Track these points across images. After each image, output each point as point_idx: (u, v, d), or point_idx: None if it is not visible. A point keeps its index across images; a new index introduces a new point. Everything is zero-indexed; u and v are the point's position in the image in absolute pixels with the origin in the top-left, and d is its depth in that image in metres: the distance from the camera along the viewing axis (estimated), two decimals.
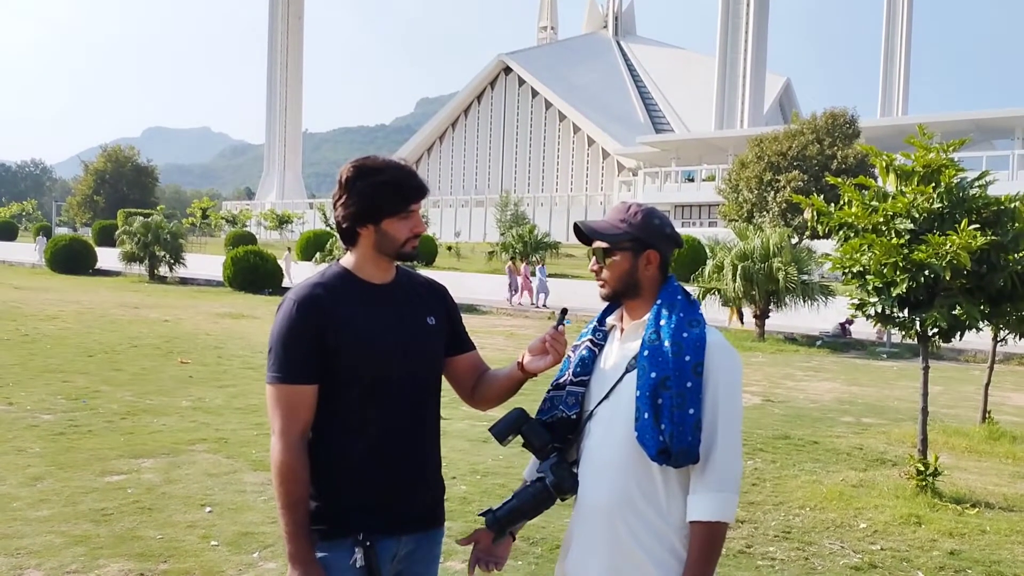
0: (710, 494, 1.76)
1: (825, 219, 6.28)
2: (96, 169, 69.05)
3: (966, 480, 6.45)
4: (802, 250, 17.44)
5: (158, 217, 31.31)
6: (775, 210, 34.64)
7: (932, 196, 5.83)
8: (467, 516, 4.86)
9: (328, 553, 1.93)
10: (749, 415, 8.78)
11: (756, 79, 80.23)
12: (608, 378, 1.91)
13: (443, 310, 2.15)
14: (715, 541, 1.78)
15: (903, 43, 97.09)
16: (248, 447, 6.42)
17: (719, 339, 1.84)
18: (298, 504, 1.90)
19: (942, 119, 49.04)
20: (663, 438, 1.74)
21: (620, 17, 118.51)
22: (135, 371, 9.84)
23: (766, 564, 4.46)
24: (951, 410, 9.74)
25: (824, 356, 15.69)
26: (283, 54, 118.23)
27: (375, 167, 1.99)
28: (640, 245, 1.91)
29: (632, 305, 1.95)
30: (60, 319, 15.08)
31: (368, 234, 2.00)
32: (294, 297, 1.97)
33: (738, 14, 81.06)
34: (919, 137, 6.02)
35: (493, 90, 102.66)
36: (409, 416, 2.01)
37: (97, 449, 6.19)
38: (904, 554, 4.72)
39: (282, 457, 1.90)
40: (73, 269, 30.82)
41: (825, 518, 5.32)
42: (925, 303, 5.87)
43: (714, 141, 65.00)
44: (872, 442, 7.78)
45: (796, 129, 37.13)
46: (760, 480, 6.16)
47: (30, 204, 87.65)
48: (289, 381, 1.92)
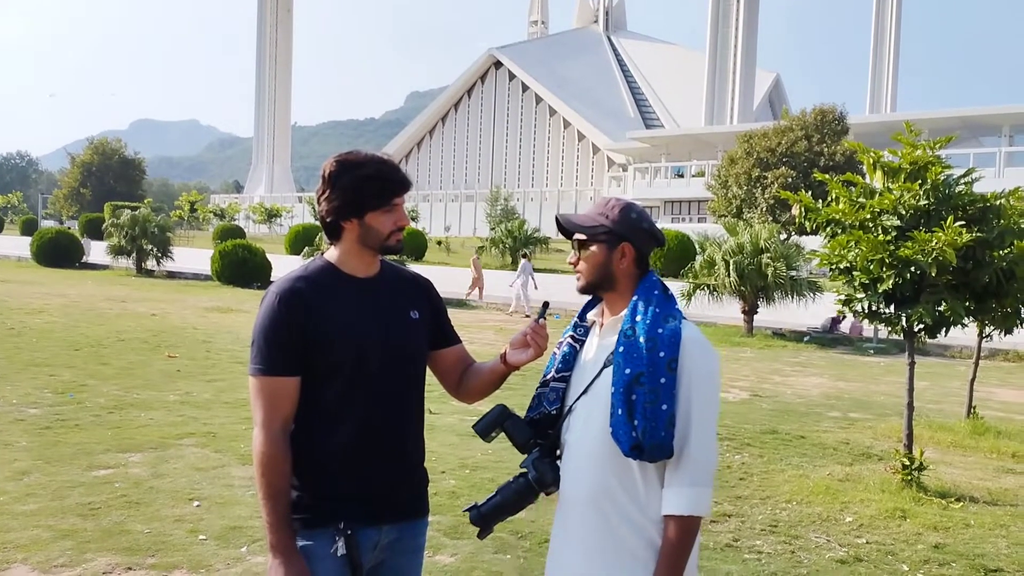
0: (684, 488, 1.78)
1: (813, 215, 6.31)
2: (83, 161, 68.57)
3: (951, 475, 6.51)
4: (790, 246, 17.50)
5: (145, 210, 31.04)
6: (763, 206, 34.79)
7: (919, 193, 5.87)
8: (455, 510, 4.87)
9: (310, 542, 1.95)
10: (737, 410, 8.83)
11: (746, 75, 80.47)
12: (587, 373, 1.93)
13: (427, 304, 2.17)
14: (688, 534, 1.79)
15: (892, 40, 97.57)
16: (236, 441, 6.40)
17: (695, 334, 1.85)
18: (279, 495, 1.92)
19: (930, 116, 49.39)
20: (636, 434, 1.76)
21: (611, 12, 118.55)
22: (122, 365, 9.79)
23: (752, 557, 4.49)
24: (937, 405, 9.82)
25: (812, 351, 15.78)
26: (272, 47, 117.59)
27: (358, 161, 2.01)
28: (615, 238, 1.92)
29: (610, 299, 1.97)
30: (46, 312, 14.97)
31: (352, 228, 2.02)
32: (276, 290, 1.99)
33: (728, 10, 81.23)
34: (906, 134, 6.05)
35: (483, 84, 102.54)
36: (390, 408, 2.04)
37: (84, 443, 6.16)
38: (889, 547, 4.76)
39: (264, 448, 1.93)
40: (59, 262, 30.60)
41: (811, 512, 5.36)
42: (911, 299, 5.91)
43: (704, 137, 65.18)
44: (858, 437, 7.84)
45: (785, 125, 37.32)
46: (747, 474, 6.20)
47: (15, 196, 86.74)
48: (271, 373, 1.94)
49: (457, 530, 4.60)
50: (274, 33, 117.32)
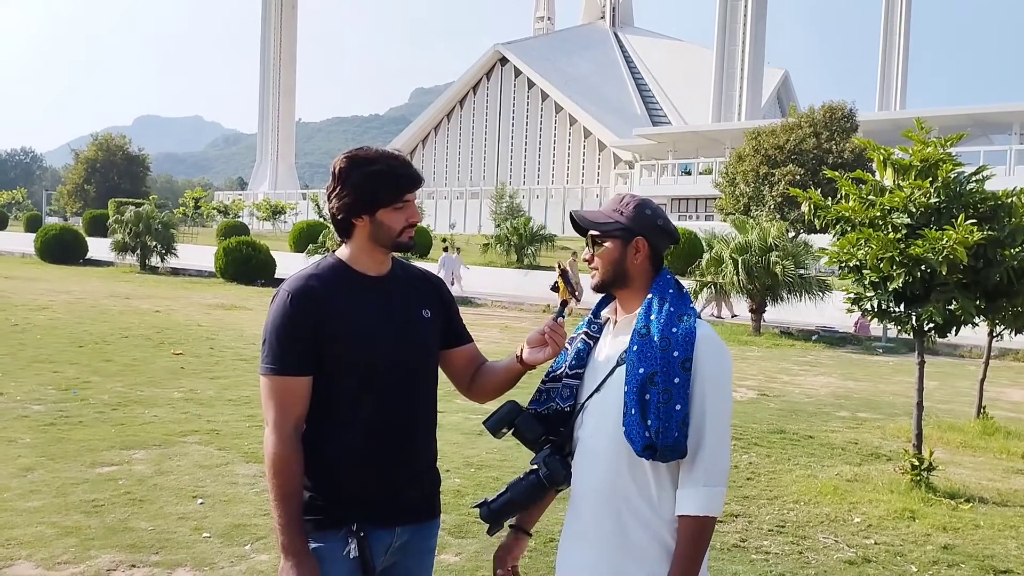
0: (698, 488, 1.78)
1: (822, 213, 6.26)
2: (87, 158, 68.63)
3: (960, 475, 6.45)
4: (799, 244, 17.40)
5: (149, 207, 31.09)
6: (771, 204, 34.65)
7: (929, 191, 5.80)
8: (461, 509, 4.84)
9: (322, 544, 1.93)
10: (745, 409, 8.77)
11: (754, 72, 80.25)
12: (600, 371, 1.92)
13: (439, 302, 2.14)
14: (703, 534, 1.79)
15: (902, 37, 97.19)
16: (240, 439, 6.39)
17: (709, 333, 1.84)
18: (292, 496, 1.89)
19: (940, 113, 49.09)
20: (649, 434, 1.74)
21: (618, 8, 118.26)
22: (126, 362, 9.78)
23: (760, 558, 4.45)
24: (946, 405, 9.75)
25: (820, 351, 15.70)
26: (276, 42, 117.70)
27: (369, 158, 1.99)
28: (630, 234, 1.90)
29: (624, 297, 1.95)
30: (50, 309, 14.99)
31: (364, 225, 1.99)
32: (288, 288, 1.96)
33: (736, 6, 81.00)
34: (917, 131, 5.99)
35: (489, 81, 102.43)
36: (403, 408, 2.01)
37: (88, 440, 6.15)
38: (898, 548, 4.72)
39: (276, 449, 1.89)
40: (63, 259, 30.66)
41: (819, 512, 5.31)
42: (921, 298, 5.85)
43: (711, 134, 64.99)
44: (867, 437, 7.78)
45: (793, 122, 37.12)
46: (755, 474, 6.15)
47: (20, 193, 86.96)
48: (283, 372, 1.92)
49: (462, 529, 4.56)
50: (278, 29, 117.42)
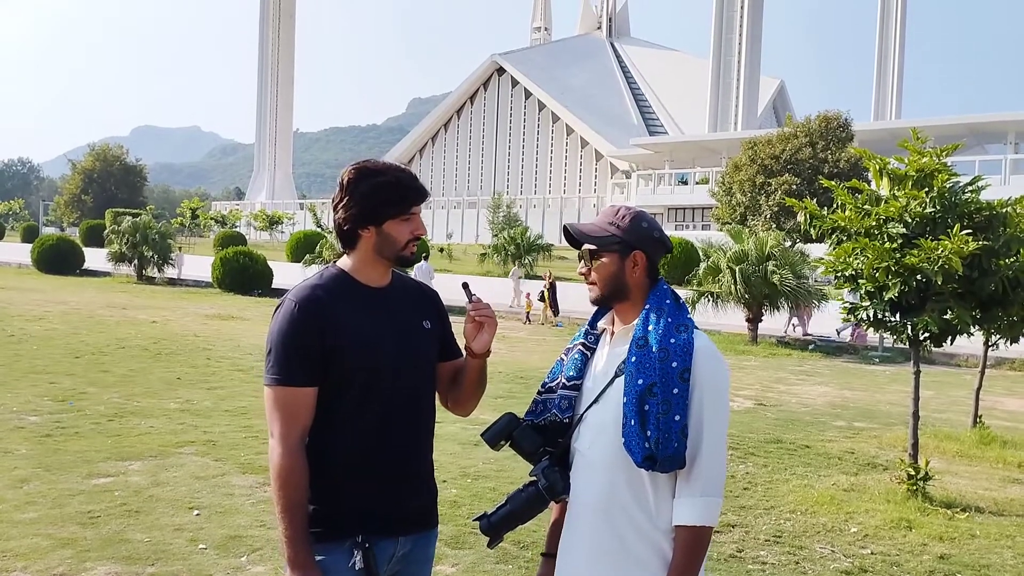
0: (695, 499, 1.78)
1: (818, 222, 6.28)
2: (84, 168, 68.62)
3: (957, 484, 6.46)
4: (795, 253, 17.45)
5: (147, 217, 31.08)
6: (767, 213, 34.74)
7: (925, 200, 5.84)
8: (457, 520, 4.83)
9: (327, 556, 1.92)
10: (741, 419, 8.78)
11: (750, 81, 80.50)
12: (598, 382, 1.92)
13: (436, 315, 2.16)
14: (700, 544, 1.79)
15: (897, 47, 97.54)
16: (237, 450, 6.37)
17: (707, 344, 1.85)
18: (297, 508, 1.89)
19: (936, 123, 49.20)
20: (649, 445, 1.75)
21: (614, 19, 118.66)
22: (122, 373, 9.76)
23: (757, 568, 4.45)
24: (942, 414, 9.76)
25: (816, 360, 15.71)
26: (274, 53, 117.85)
27: (376, 169, 2.01)
28: (628, 248, 1.91)
29: (622, 309, 1.95)
30: (46, 320, 14.96)
31: (369, 236, 2.00)
32: (295, 298, 1.96)
33: (732, 16, 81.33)
34: (912, 141, 6.02)
35: (486, 91, 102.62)
36: (406, 418, 2.02)
37: (84, 451, 6.13)
38: (894, 558, 4.71)
39: (282, 461, 1.88)
40: (60, 269, 30.61)
41: (816, 522, 5.31)
42: (917, 307, 5.87)
43: (708, 144, 65.11)
44: (863, 446, 7.78)
45: (789, 132, 37.26)
46: (751, 484, 6.15)
47: (17, 203, 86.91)
48: (289, 383, 1.91)
49: (459, 540, 4.56)
50: (276, 39, 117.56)
